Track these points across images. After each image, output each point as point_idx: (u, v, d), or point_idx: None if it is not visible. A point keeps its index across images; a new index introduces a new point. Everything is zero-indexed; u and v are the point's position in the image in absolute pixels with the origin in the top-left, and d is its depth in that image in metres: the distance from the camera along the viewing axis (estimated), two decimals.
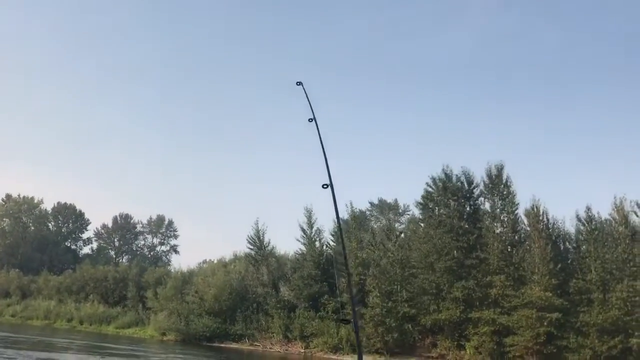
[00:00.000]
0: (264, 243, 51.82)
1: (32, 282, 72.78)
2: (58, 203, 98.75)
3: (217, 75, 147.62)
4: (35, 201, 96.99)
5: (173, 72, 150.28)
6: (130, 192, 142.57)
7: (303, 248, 49.81)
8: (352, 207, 52.80)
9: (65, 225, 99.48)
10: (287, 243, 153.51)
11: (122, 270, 67.83)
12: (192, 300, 50.28)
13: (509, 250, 37.75)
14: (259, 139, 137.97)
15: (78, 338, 43.76)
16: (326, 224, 49.61)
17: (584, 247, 36.20)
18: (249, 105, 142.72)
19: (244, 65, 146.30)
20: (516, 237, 38.34)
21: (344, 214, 51.87)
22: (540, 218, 36.90)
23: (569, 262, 36.78)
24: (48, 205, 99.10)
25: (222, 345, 45.10)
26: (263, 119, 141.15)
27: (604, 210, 36.78)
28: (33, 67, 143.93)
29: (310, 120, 6.58)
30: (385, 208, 77.21)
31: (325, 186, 5.67)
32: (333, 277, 44.89)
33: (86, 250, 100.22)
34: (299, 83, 6.42)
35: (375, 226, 58.74)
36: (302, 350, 42.13)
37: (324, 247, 49.63)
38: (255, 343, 44.82)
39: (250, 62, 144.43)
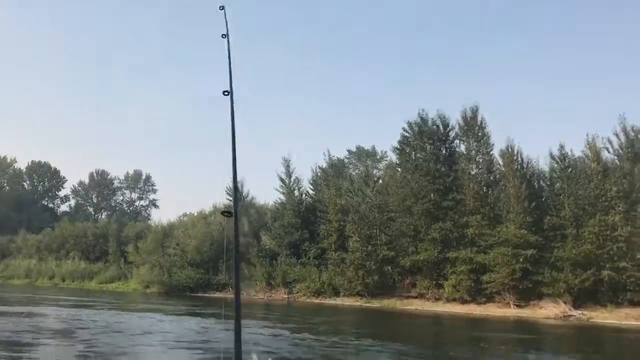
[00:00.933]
0: (243, 194, 51.99)
1: (11, 242, 72.43)
2: (32, 162, 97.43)
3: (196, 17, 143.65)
4: (8, 160, 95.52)
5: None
6: (104, 147, 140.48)
7: (282, 197, 50.19)
8: (330, 155, 53.10)
9: (41, 183, 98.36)
10: (266, 193, 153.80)
11: (102, 227, 67.72)
12: (173, 253, 50.60)
13: (484, 190, 38.41)
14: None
15: (45, 293, 43.89)
16: (305, 174, 49.90)
17: (557, 184, 36.89)
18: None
19: None
20: (491, 178, 39.00)
21: (322, 163, 52.19)
22: (515, 158, 37.40)
23: (543, 199, 37.56)
24: (22, 165, 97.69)
25: (206, 295, 45.72)
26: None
27: (577, 148, 37.41)
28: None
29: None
30: (363, 155, 77.46)
31: (226, 93, 4.96)
32: (313, 224, 45.55)
33: (64, 208, 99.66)
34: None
35: (354, 173, 59.05)
36: (286, 296, 42.95)
37: (303, 195, 50.08)
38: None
39: None
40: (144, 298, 42.69)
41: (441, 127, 41.51)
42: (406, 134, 42.97)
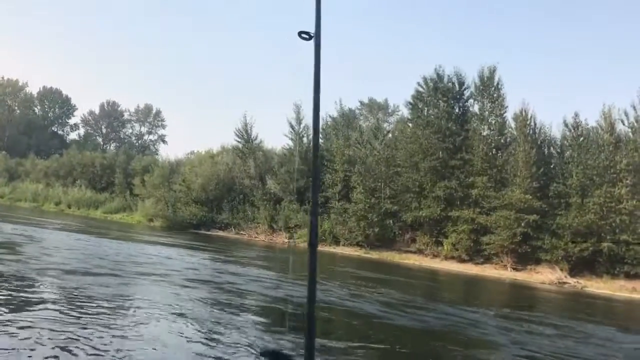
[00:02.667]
0: (252, 136, 52.00)
1: (20, 165, 73.07)
2: (44, 87, 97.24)
3: None
4: (20, 84, 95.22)
5: None
6: (117, 79, 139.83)
7: (291, 143, 50.20)
8: (341, 104, 52.74)
9: (52, 110, 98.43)
10: (275, 139, 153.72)
11: (110, 157, 68.08)
12: (179, 189, 50.99)
13: (493, 152, 38.34)
14: (252, 27, 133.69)
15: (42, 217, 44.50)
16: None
17: (567, 152, 36.81)
18: None
19: None
20: (502, 140, 38.81)
21: (333, 112, 51.80)
22: (528, 122, 37.20)
23: (551, 166, 37.56)
24: (33, 90, 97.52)
25: (209, 232, 46.31)
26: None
27: (592, 119, 37.20)
28: None
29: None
30: (375, 107, 76.87)
31: (305, 36, 3.18)
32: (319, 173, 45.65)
33: (73, 136, 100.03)
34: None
35: (364, 125, 58.72)
36: (287, 240, 43.45)
37: (312, 143, 49.82)
38: (241, 232, 46.08)
39: None
40: (145, 230, 43.24)
41: (456, 84, 41.14)
42: (420, 89, 42.64)
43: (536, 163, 35.39)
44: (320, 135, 50.32)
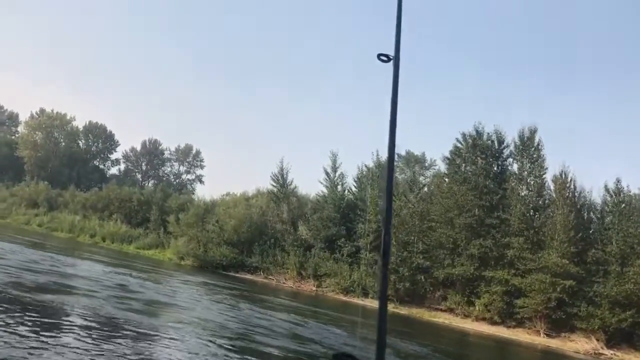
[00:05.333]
0: (287, 181, 52.34)
1: (60, 196, 74.67)
2: (89, 122, 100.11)
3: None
4: (68, 117, 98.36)
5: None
6: (160, 118, 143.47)
7: (325, 191, 50.36)
8: (378, 155, 52.80)
9: (95, 144, 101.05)
10: (309, 186, 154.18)
11: (147, 194, 69.10)
12: (212, 229, 51.25)
13: (531, 213, 37.69)
14: (298, 79, 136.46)
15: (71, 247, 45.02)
16: (350, 170, 49.84)
17: (608, 218, 35.96)
18: (295, 35, 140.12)
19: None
20: (540, 202, 38.19)
21: (369, 162, 51.86)
22: (568, 185, 36.59)
23: (590, 232, 36.68)
24: (79, 123, 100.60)
25: (237, 275, 46.17)
26: (305, 53, 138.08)
27: (634, 186, 36.45)
28: None
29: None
30: (411, 160, 76.72)
31: (384, 58, 3.20)
32: (352, 222, 45.42)
33: (113, 171, 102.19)
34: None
35: (400, 177, 58.58)
36: (314, 289, 43.03)
37: (346, 191, 50.04)
38: (270, 277, 45.81)
39: None
40: (174, 268, 43.35)
41: (496, 142, 40.92)
42: (459, 145, 42.48)
43: (575, 227, 34.56)
44: (355, 184, 50.81)
